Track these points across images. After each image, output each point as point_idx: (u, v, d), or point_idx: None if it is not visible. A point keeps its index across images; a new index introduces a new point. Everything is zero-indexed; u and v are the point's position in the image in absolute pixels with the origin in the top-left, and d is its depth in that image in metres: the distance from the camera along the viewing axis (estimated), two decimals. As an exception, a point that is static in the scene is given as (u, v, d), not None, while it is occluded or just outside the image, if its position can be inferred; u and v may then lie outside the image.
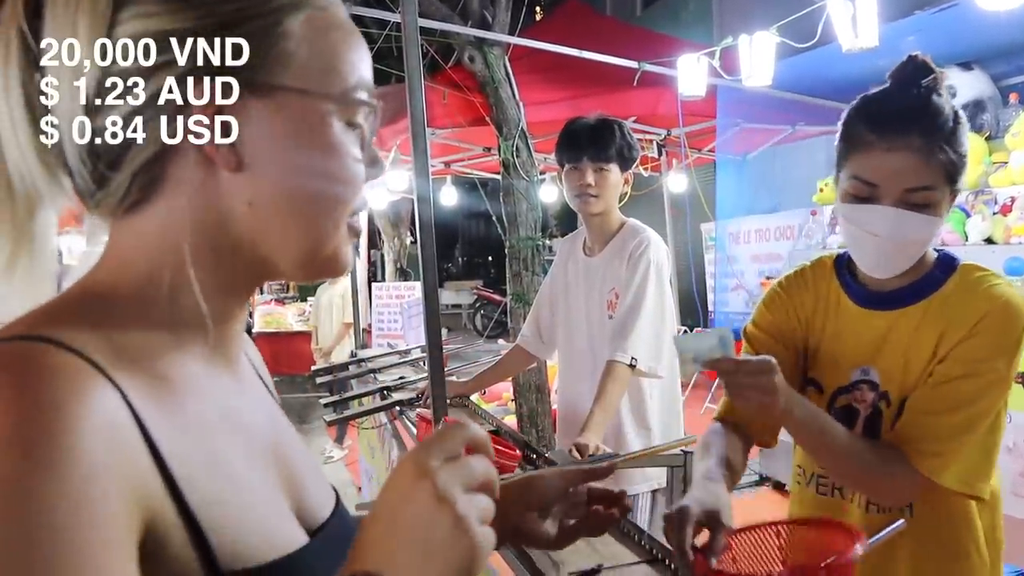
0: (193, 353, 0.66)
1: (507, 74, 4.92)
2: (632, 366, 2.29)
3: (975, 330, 1.32)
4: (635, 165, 2.54)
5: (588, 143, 2.45)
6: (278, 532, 0.65)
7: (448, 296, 18.13)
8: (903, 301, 1.41)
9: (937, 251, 1.44)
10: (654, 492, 2.48)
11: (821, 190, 5.43)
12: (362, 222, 0.74)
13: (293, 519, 0.69)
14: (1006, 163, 4.36)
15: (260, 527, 0.63)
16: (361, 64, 0.69)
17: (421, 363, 3.63)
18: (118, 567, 0.50)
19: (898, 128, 1.32)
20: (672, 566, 1.38)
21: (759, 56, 4.40)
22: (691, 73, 4.77)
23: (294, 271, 0.68)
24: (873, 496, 1.43)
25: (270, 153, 0.63)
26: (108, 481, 0.51)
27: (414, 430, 2.47)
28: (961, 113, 1.37)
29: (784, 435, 1.45)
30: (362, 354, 4.42)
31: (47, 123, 0.61)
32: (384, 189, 7.45)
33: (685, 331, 7.44)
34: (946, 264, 1.41)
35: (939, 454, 1.31)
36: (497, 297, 14.64)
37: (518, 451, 1.97)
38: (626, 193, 2.56)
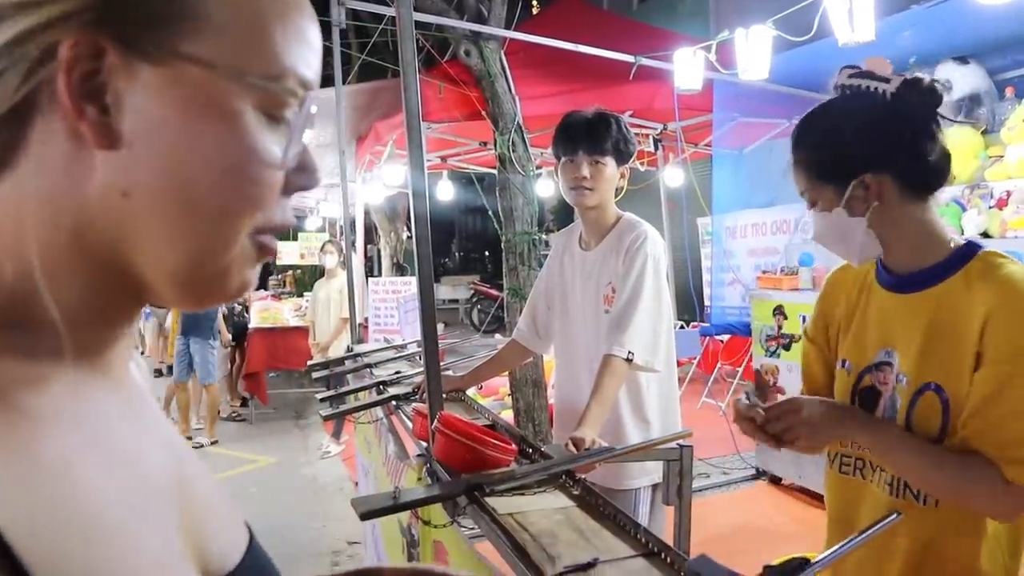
0: (54, 376, 0.50)
1: (503, 68, 4.92)
2: (629, 360, 2.29)
3: (1004, 317, 1.32)
4: (632, 160, 2.54)
5: (584, 136, 2.44)
6: None
7: (445, 291, 18.14)
8: (920, 285, 1.45)
9: (967, 240, 1.47)
10: (654, 486, 2.47)
11: (817, 184, 5.43)
12: (275, 244, 0.59)
13: (190, 569, 0.55)
14: (1002, 157, 4.37)
15: None
16: (297, 46, 0.55)
17: (417, 358, 3.62)
18: None
19: (793, 143, 1.57)
20: (668, 559, 1.37)
21: (755, 50, 4.40)
22: (687, 67, 4.77)
23: (170, 289, 0.54)
24: (983, 513, 1.40)
25: (157, 133, 0.50)
26: None
27: (410, 425, 2.47)
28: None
29: None
30: (358, 349, 4.41)
31: None
32: (380, 184, 7.44)
33: (682, 326, 7.45)
34: (967, 250, 1.44)
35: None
36: (494, 292, 14.64)
37: (514, 446, 1.97)
38: (622, 188, 2.56)
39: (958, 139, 4.49)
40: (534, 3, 14.54)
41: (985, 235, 4.09)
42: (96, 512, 0.47)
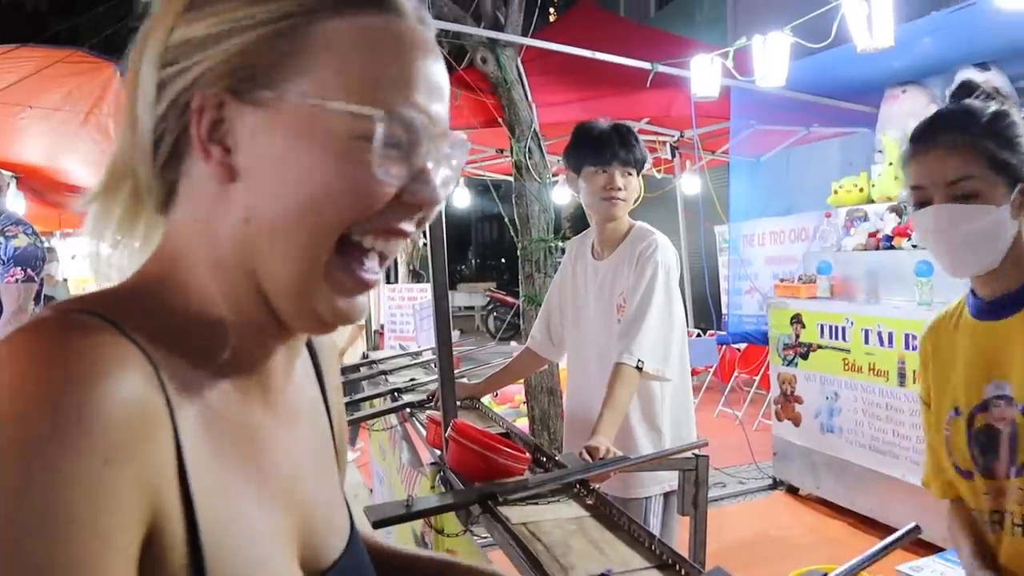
0: (225, 369, 0.62)
1: (520, 75, 4.91)
2: (639, 368, 2.28)
3: None
4: (643, 166, 2.54)
5: (618, 146, 2.45)
6: (276, 571, 0.62)
7: (461, 298, 18.14)
8: (1014, 307, 1.39)
9: None
10: (665, 495, 2.45)
11: (836, 192, 5.39)
12: (372, 271, 0.65)
13: (292, 564, 0.65)
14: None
15: (259, 566, 0.59)
16: (397, 73, 0.61)
17: (432, 365, 3.62)
18: (118, 559, 0.48)
19: (931, 131, 1.41)
20: (683, 572, 1.36)
21: (773, 57, 4.38)
22: (705, 74, 4.75)
23: (288, 307, 0.62)
24: None
25: (265, 165, 0.59)
26: (126, 467, 0.49)
27: (424, 432, 2.46)
28: (1012, 110, 1.39)
29: (797, 438, 1.43)
30: (374, 355, 4.41)
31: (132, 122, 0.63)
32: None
33: (699, 334, 7.41)
34: None
35: None
36: (510, 299, 14.62)
37: (528, 454, 1.96)
38: (639, 197, 2.56)
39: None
40: (551, 10, 14.55)
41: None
42: (238, 486, 0.60)
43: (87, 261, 0.66)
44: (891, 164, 5.06)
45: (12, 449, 0.46)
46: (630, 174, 2.46)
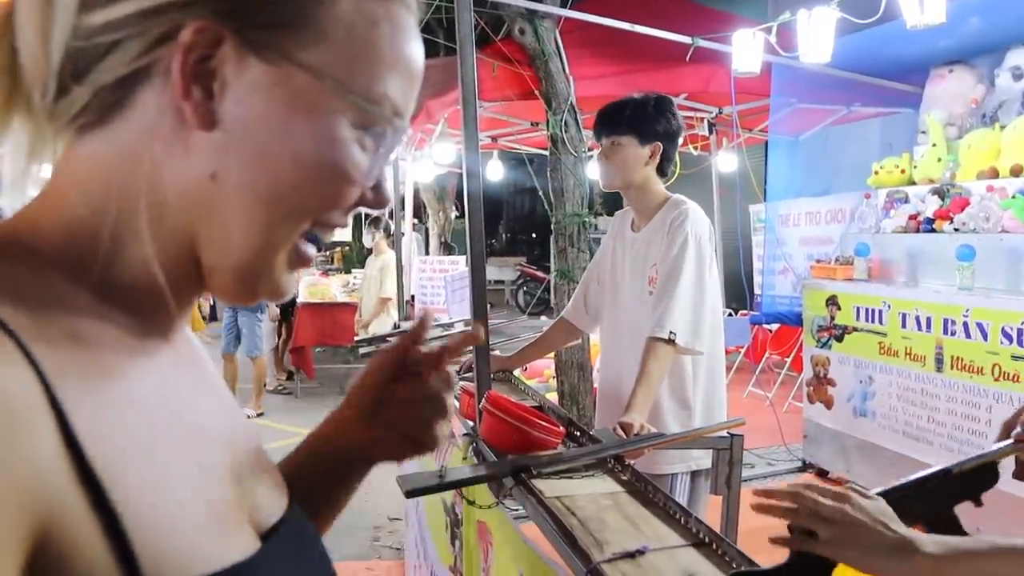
0: (123, 322, 0.55)
1: (558, 47, 4.86)
2: (671, 341, 2.25)
3: None
4: (665, 136, 2.47)
5: (601, 120, 2.51)
6: (221, 538, 0.55)
7: (491, 272, 18.13)
8: None
9: None
10: (692, 473, 2.44)
11: (876, 172, 5.30)
12: (312, 255, 0.61)
13: (243, 521, 0.59)
14: (1073, 147, 4.21)
15: (200, 531, 0.53)
16: (400, 76, 0.59)
17: (464, 337, 3.61)
18: None
19: None
20: (719, 550, 1.34)
21: (818, 33, 4.29)
22: (746, 49, 4.67)
23: (223, 276, 0.57)
24: None
25: (254, 125, 0.54)
26: None
27: (456, 404, 2.46)
28: None
29: (828, 421, 1.32)
30: (405, 326, 4.42)
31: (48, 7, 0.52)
32: (430, 162, 7.44)
33: (731, 313, 7.36)
34: None
35: None
36: (540, 274, 14.59)
37: (562, 428, 1.95)
38: (671, 170, 2.53)
39: (1027, 129, 4.35)
40: (589, -17, 14.40)
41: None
42: (168, 460, 0.53)
43: None
44: (935, 145, 4.96)
45: None
46: (616, 143, 2.45)
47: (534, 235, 23.09)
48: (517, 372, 3.07)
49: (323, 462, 0.81)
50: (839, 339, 4.85)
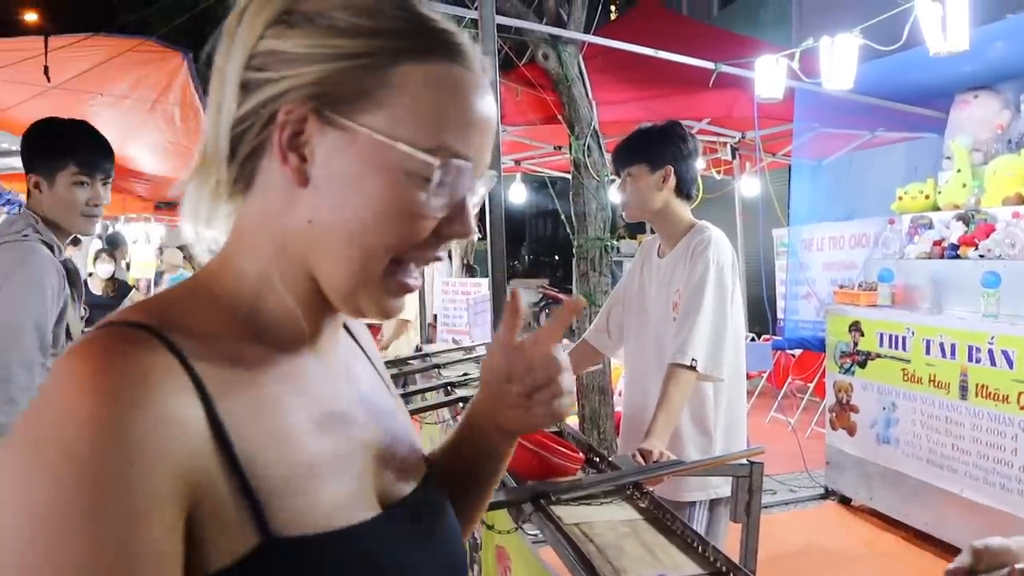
0: (276, 345, 0.72)
1: (581, 72, 4.89)
2: (693, 367, 2.25)
3: None
4: (676, 159, 2.47)
5: (615, 156, 2.55)
6: (346, 505, 0.70)
7: (513, 293, 18.12)
8: None
9: None
10: (711, 501, 2.43)
11: (900, 198, 5.28)
12: (415, 283, 0.74)
13: (369, 494, 0.74)
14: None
15: (328, 499, 0.68)
16: (459, 124, 0.70)
17: (485, 360, 3.62)
18: (151, 540, 0.57)
19: None
20: (737, 580, 1.34)
21: (840, 59, 4.29)
22: (769, 75, 4.68)
23: (336, 299, 0.72)
24: None
25: (335, 180, 0.68)
26: (150, 463, 0.57)
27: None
28: None
29: (851, 448, 1.30)
30: (427, 349, 4.43)
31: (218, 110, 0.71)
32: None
33: (753, 338, 7.31)
34: None
35: None
36: (562, 296, 14.58)
37: (581, 454, 1.95)
38: (696, 193, 2.54)
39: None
40: (613, 7, 14.47)
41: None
42: (297, 440, 0.69)
43: (188, 242, 0.77)
44: (959, 171, 4.93)
45: (55, 461, 0.56)
46: (629, 175, 2.49)
47: (556, 257, 23.12)
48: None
49: (471, 441, 0.95)
50: (862, 365, 4.82)
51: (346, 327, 0.89)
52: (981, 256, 4.33)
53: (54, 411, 0.58)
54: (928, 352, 4.29)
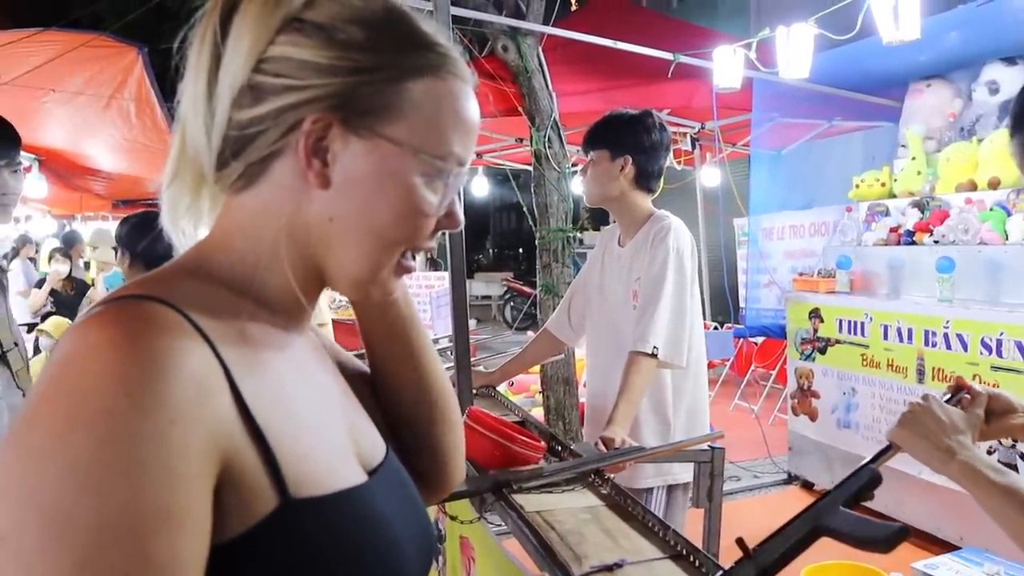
0: (273, 323, 0.78)
1: (540, 64, 4.89)
2: (654, 355, 2.26)
3: None
4: (637, 150, 2.46)
5: (584, 137, 2.55)
6: (341, 469, 0.76)
7: (478, 287, 18.13)
8: None
9: None
10: (669, 487, 2.44)
11: (857, 186, 5.35)
12: (414, 265, 0.83)
13: (354, 460, 0.80)
14: (1049, 161, 4.26)
15: (326, 464, 0.74)
16: (460, 135, 0.78)
17: (448, 352, 3.62)
18: (187, 499, 0.60)
19: None
20: (696, 562, 1.35)
21: (797, 48, 4.34)
22: (727, 65, 4.72)
23: (346, 286, 0.80)
24: None
25: (356, 183, 0.74)
26: (190, 425, 0.61)
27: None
28: None
29: (813, 433, 1.34)
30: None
31: (209, 109, 0.74)
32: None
33: (716, 327, 7.38)
34: None
35: None
36: (527, 289, 14.61)
37: (543, 443, 1.96)
38: (657, 186, 2.54)
39: (1004, 143, 4.39)
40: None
41: (1030, 240, 4.00)
42: (304, 415, 0.75)
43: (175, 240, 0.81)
44: (914, 159, 5.01)
45: (95, 418, 0.58)
46: (592, 160, 2.50)
47: (521, 250, 23.12)
48: (502, 387, 3.08)
49: (371, 343, 1.00)
50: (822, 351, 4.88)
51: None
52: (936, 242, 4.40)
53: (90, 372, 0.60)
54: (886, 337, 4.36)
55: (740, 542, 1.07)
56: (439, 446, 1.00)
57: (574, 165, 5.50)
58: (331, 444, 0.78)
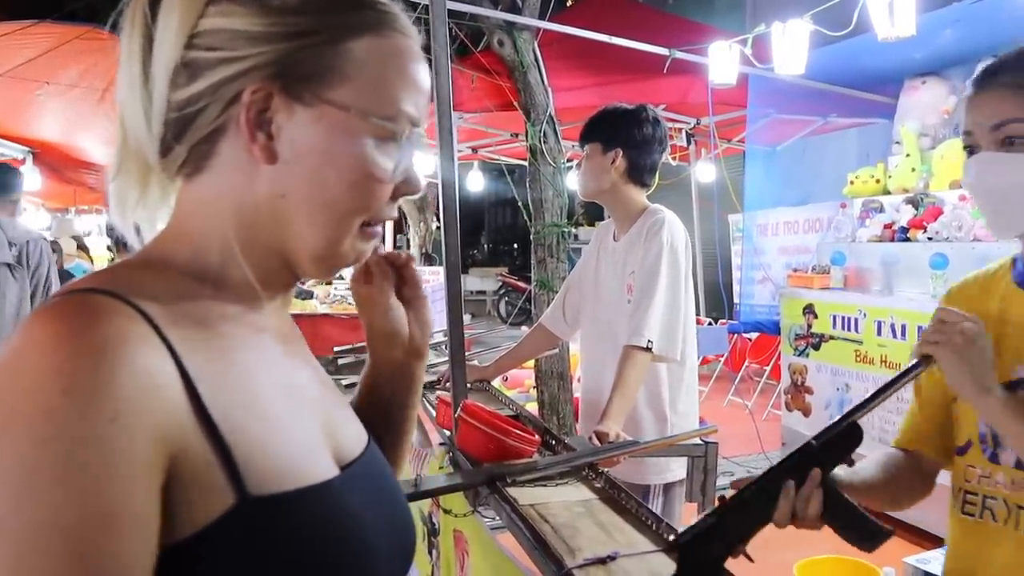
0: (238, 312, 0.74)
1: (536, 59, 4.88)
2: (648, 349, 2.27)
3: None
4: (630, 144, 2.46)
5: (581, 131, 2.56)
6: (309, 464, 0.72)
7: (473, 282, 18.13)
8: None
9: None
10: (666, 485, 2.45)
11: (852, 182, 5.36)
12: (382, 229, 0.81)
13: (327, 454, 0.76)
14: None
15: (291, 458, 0.70)
16: (409, 93, 0.75)
17: (443, 347, 3.62)
18: (128, 499, 0.57)
19: (987, 71, 1.22)
20: (689, 556, 1.36)
21: (792, 44, 4.34)
22: (722, 61, 4.72)
23: (310, 263, 0.76)
24: None
25: (305, 154, 0.71)
26: (133, 421, 0.58)
27: (434, 413, 2.47)
28: None
29: (806, 429, 1.38)
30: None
31: (146, 93, 0.71)
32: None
33: (710, 322, 7.40)
34: None
35: None
36: (522, 284, 14.61)
37: (537, 437, 1.96)
38: (651, 181, 2.54)
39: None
40: (569, -5, 14.45)
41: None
42: (269, 409, 0.71)
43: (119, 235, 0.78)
44: (908, 155, 5.02)
45: (33, 418, 0.56)
46: (587, 154, 2.51)
47: (516, 245, 23.13)
48: (497, 382, 3.08)
49: (377, 382, 1.01)
50: (816, 347, 4.90)
51: None
52: (930, 239, 4.41)
53: (30, 369, 0.58)
54: (880, 333, 4.37)
55: (722, 499, 1.07)
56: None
57: (569, 160, 5.50)
58: (300, 437, 0.74)
